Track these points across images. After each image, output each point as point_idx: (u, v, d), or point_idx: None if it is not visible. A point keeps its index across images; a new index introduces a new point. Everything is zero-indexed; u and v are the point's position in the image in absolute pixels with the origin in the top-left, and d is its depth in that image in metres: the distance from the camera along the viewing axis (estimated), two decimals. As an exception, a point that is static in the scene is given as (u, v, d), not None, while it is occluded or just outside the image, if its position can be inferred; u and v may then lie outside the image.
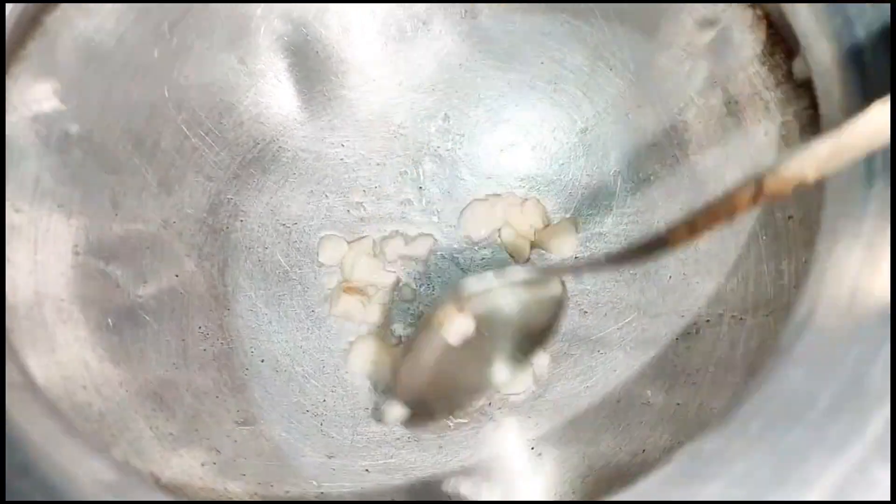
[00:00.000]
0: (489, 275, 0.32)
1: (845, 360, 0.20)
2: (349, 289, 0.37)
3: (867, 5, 0.26)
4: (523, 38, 0.38)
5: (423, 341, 0.34)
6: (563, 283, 0.34)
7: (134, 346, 0.33)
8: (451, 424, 0.35)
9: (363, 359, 0.37)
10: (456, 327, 0.33)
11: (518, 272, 0.34)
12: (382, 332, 0.38)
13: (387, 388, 0.36)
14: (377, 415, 0.36)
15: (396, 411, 0.34)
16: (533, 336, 0.34)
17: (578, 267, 0.34)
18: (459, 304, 0.33)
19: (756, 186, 0.23)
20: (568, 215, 0.39)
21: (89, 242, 0.33)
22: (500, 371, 0.34)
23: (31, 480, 0.24)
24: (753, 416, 0.20)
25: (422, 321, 0.36)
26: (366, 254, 0.38)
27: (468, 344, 0.33)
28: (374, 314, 0.38)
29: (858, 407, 0.20)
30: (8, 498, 0.24)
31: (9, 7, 0.29)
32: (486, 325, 0.33)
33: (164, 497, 0.25)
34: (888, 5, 0.26)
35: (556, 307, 0.34)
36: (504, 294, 0.33)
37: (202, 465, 0.32)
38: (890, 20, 0.26)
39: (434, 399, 0.35)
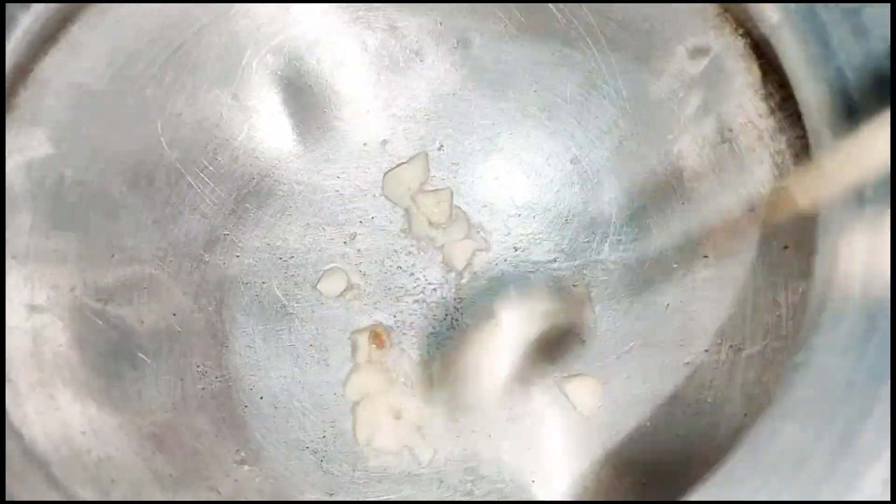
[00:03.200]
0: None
1: (838, 416, 0.20)
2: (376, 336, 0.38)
3: (850, 37, 0.26)
4: (516, 66, 0.38)
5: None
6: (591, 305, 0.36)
7: (132, 387, 0.33)
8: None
9: (359, 388, 0.37)
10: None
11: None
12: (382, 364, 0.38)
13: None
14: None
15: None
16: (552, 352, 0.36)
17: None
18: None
19: (751, 210, 0.23)
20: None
21: (86, 285, 0.33)
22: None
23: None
24: (747, 474, 0.20)
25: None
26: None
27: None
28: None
29: (852, 467, 0.20)
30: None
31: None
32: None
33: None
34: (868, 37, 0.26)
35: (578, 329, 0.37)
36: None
37: (203, 506, 0.32)
38: (890, 23, 0.26)
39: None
